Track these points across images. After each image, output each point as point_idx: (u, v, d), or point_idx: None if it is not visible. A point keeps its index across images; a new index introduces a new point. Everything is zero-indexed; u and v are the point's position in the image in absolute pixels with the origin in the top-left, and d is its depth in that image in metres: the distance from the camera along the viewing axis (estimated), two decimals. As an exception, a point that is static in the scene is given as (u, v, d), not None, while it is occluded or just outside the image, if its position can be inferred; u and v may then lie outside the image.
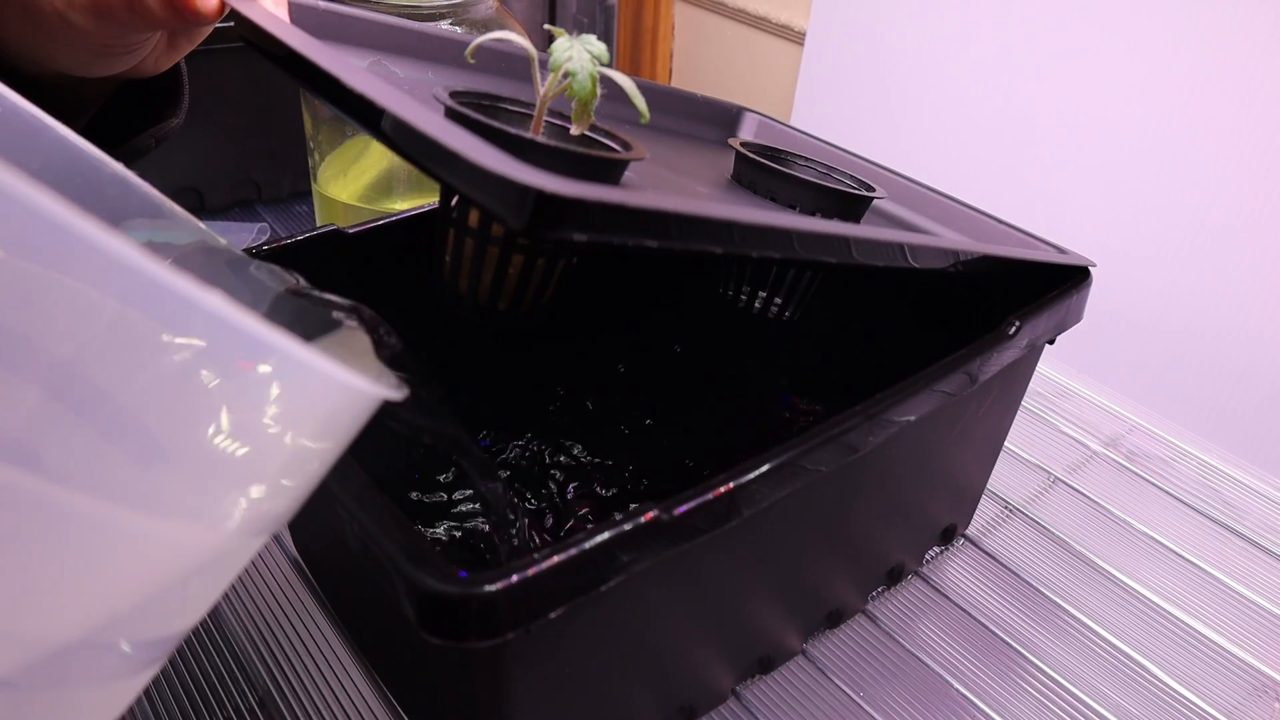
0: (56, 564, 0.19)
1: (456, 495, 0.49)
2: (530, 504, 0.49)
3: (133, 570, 0.20)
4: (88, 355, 0.18)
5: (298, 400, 0.20)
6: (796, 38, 1.30)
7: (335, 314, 0.29)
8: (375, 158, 0.67)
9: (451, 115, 0.31)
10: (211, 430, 0.19)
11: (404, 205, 0.64)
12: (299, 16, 0.38)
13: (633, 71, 1.54)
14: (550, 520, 0.49)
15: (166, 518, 0.19)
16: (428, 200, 0.56)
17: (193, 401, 0.19)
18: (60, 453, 0.18)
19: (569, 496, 0.50)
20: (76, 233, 0.16)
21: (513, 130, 0.30)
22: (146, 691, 0.41)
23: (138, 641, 0.22)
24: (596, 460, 0.53)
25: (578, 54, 0.31)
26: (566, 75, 0.31)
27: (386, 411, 0.23)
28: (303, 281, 0.31)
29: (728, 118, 0.56)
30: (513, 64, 0.45)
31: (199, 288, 0.18)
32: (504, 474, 0.51)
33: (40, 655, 0.20)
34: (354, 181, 0.66)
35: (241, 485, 0.20)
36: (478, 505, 0.48)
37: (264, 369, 0.19)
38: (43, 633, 0.19)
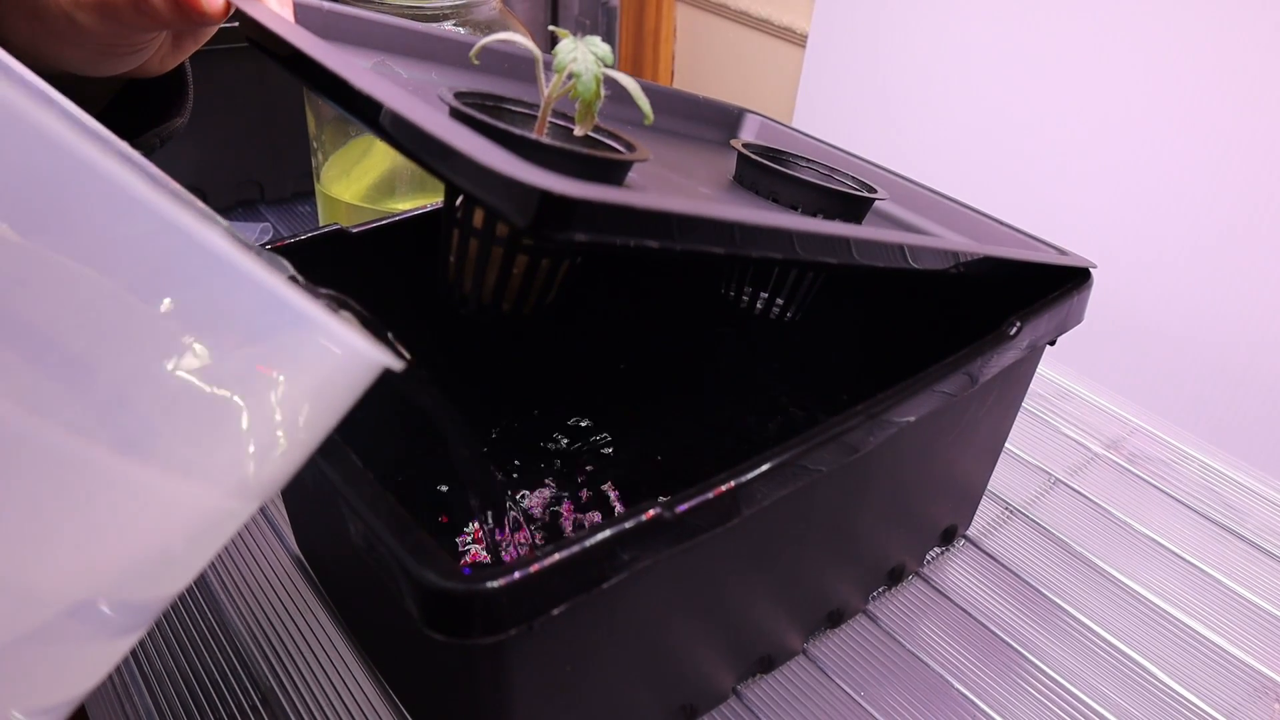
0: (37, 512, 0.18)
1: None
2: (527, 500, 0.50)
3: (119, 523, 0.19)
4: (88, 292, 0.17)
5: (301, 356, 0.20)
6: (798, 40, 1.30)
7: (328, 304, 0.28)
8: (378, 158, 0.67)
9: (456, 116, 0.32)
10: (209, 380, 0.19)
11: (407, 205, 0.64)
12: (303, 17, 0.38)
13: (635, 73, 1.54)
14: (552, 517, 0.49)
15: (157, 468, 0.19)
16: (430, 200, 0.56)
17: (192, 349, 0.18)
18: (48, 394, 0.17)
19: (570, 494, 0.50)
20: (95, 163, 0.16)
21: (517, 131, 0.30)
22: (150, 687, 0.41)
23: (121, 602, 0.21)
24: (598, 458, 0.53)
25: (582, 55, 0.31)
26: (571, 77, 0.31)
27: (383, 384, 0.23)
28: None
29: (729, 119, 0.56)
30: (516, 65, 0.45)
31: (204, 223, 0.17)
32: (514, 476, 0.51)
33: (20, 608, 0.19)
34: (357, 181, 0.66)
35: (236, 441, 0.20)
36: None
37: (269, 319, 0.19)
38: (21, 582, 0.19)
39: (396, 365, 0.22)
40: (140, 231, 0.17)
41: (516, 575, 0.26)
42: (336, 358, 0.21)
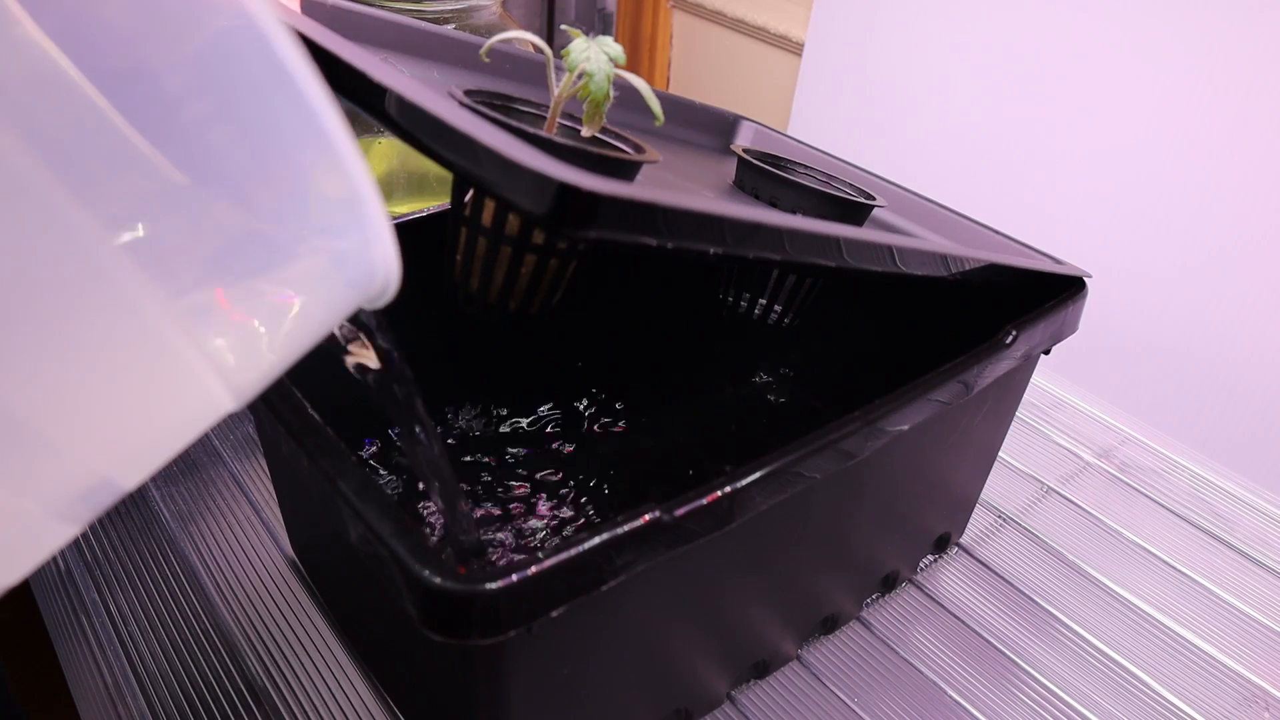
0: (49, 325, 0.16)
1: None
2: (518, 503, 0.50)
3: (116, 355, 0.17)
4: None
5: (337, 237, 0.19)
6: (794, 48, 1.30)
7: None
8: (375, 160, 0.67)
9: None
10: (249, 229, 0.17)
11: (404, 209, 0.64)
12: (308, 11, 0.38)
13: (630, 79, 1.54)
14: (544, 521, 0.49)
15: (170, 310, 0.17)
16: (427, 204, 0.56)
17: (257, 205, 0.17)
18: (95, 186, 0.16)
19: (566, 496, 0.50)
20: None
21: (530, 129, 0.30)
22: (143, 688, 0.41)
23: (85, 467, 0.18)
24: (594, 462, 0.53)
25: (595, 55, 0.31)
26: (582, 76, 0.31)
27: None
28: None
29: (724, 126, 0.56)
30: (519, 65, 0.45)
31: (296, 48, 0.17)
32: (511, 476, 0.51)
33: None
34: (354, 182, 0.66)
35: (244, 309, 0.18)
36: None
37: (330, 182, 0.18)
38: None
39: (391, 292, 0.21)
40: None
41: (515, 577, 0.26)
42: (364, 252, 0.19)
